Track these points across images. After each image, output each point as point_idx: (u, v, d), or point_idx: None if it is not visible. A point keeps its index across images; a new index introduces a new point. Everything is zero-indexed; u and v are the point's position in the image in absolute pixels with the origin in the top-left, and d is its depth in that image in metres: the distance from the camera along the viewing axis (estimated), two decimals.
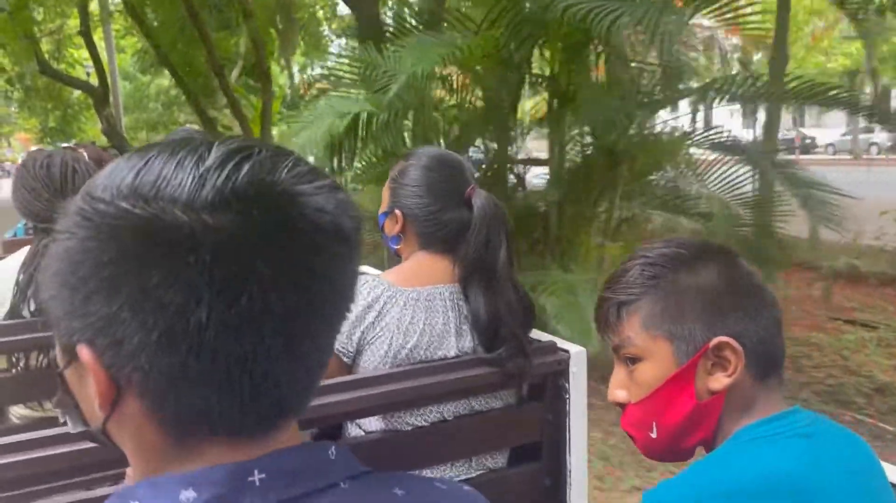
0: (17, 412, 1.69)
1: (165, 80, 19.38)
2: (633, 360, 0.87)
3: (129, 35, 16.97)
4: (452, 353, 1.31)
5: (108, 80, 13.89)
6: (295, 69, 18.39)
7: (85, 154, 1.83)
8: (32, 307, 1.61)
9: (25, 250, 1.66)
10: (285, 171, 0.47)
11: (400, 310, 1.28)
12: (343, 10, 14.28)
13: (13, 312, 1.61)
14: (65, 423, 0.56)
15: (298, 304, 0.47)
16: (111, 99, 13.98)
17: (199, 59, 11.25)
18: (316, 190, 0.47)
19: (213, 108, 13.04)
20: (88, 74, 16.37)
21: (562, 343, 1.39)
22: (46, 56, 14.39)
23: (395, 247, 1.43)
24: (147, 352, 0.45)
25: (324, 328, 0.50)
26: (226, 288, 0.44)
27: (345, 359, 1.29)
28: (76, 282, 0.46)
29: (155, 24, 11.07)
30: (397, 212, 1.38)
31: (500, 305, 1.30)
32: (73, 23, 16.08)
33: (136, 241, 0.44)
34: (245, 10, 9.93)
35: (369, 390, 1.15)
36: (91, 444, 0.64)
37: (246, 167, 0.45)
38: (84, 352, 0.47)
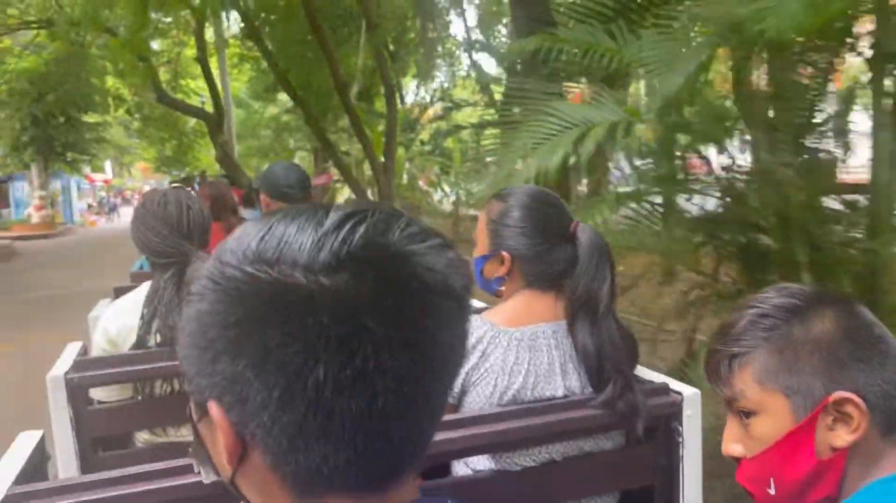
0: (142, 437, 1.80)
1: (277, 107, 19.19)
2: (748, 414, 0.85)
3: (243, 62, 16.85)
4: (560, 393, 1.30)
5: (223, 107, 13.55)
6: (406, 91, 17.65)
7: (194, 191, 2.07)
8: (158, 339, 1.72)
9: (147, 284, 1.77)
10: (398, 231, 0.48)
11: (504, 352, 1.29)
12: (455, 29, 13.44)
13: (139, 343, 1.73)
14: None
15: (410, 363, 0.48)
16: (225, 126, 13.63)
17: (318, 79, 10.62)
18: (427, 249, 0.48)
19: (329, 130, 12.45)
20: (203, 103, 16.27)
21: (675, 384, 1.34)
22: (164, 86, 14.25)
23: (497, 288, 1.42)
24: (269, 409, 0.47)
25: (435, 386, 0.51)
26: (341, 347, 0.45)
27: (449, 400, 1.20)
28: (206, 343, 0.49)
29: (273, 44, 10.49)
30: (504, 253, 1.37)
31: (604, 341, 1.29)
32: (189, 52, 16.08)
33: (259, 303, 0.46)
34: (368, 20, 9.12)
35: (478, 429, 1.16)
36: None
37: (361, 230, 0.47)
38: (213, 408, 0.49)
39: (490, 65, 18.10)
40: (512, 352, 1.29)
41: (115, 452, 1.73)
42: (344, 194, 16.54)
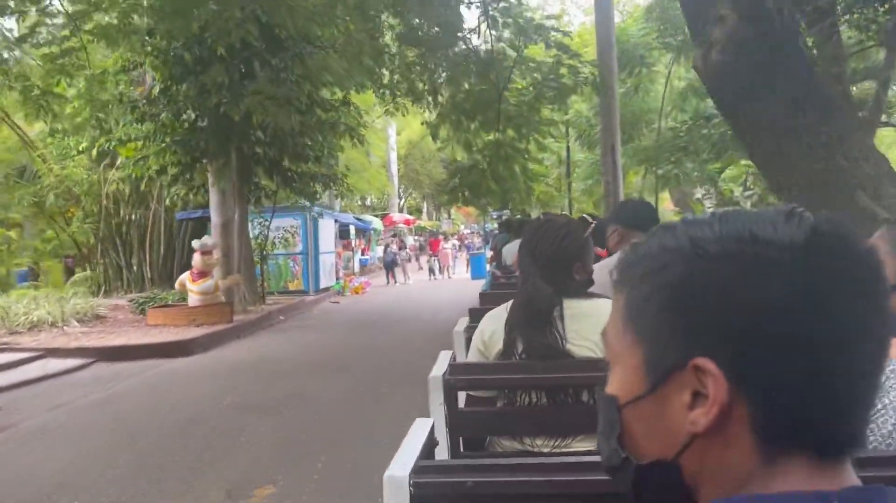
0: (501, 443, 1.96)
1: None
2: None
3: None
4: None
5: None
6: None
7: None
8: (520, 348, 1.94)
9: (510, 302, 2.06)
10: (832, 221, 0.58)
11: None
12: None
13: (506, 351, 1.96)
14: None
15: (878, 333, 0.56)
16: None
17: None
18: (857, 238, 0.58)
19: None
20: None
21: None
22: None
23: None
24: (774, 362, 0.54)
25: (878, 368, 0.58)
26: (827, 310, 0.54)
27: None
28: (683, 308, 0.58)
29: None
30: None
31: None
32: None
33: (741, 271, 0.56)
34: None
35: (874, 471, 1.03)
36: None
37: (807, 220, 0.58)
38: (707, 364, 0.55)
39: None
40: None
41: (475, 452, 2.00)
42: None
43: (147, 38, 9.90)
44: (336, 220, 21.95)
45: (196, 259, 11.35)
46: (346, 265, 27.10)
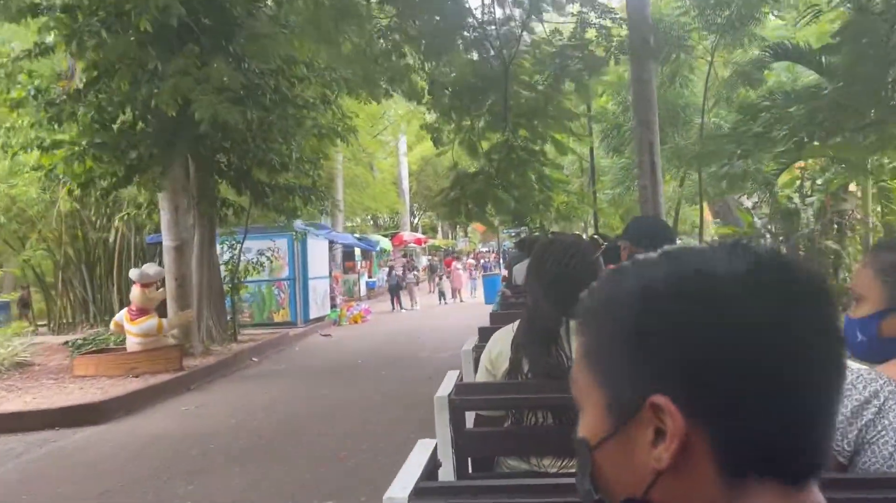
0: (507, 463, 1.97)
1: None
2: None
3: None
4: None
5: None
6: None
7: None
8: (526, 368, 1.94)
9: (517, 323, 2.08)
10: (774, 251, 0.61)
11: None
12: None
13: (513, 369, 1.97)
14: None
15: (831, 354, 0.57)
16: None
17: None
18: (801, 263, 0.60)
19: None
20: None
21: None
22: None
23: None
24: (731, 393, 0.55)
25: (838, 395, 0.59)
26: (777, 338, 0.55)
27: (840, 460, 1.23)
28: (637, 340, 0.59)
29: None
30: None
31: None
32: None
33: (692, 303, 0.57)
34: None
35: (876, 494, 1.05)
36: None
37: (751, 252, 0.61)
38: (661, 399, 0.55)
39: None
40: None
41: (482, 474, 2.00)
42: None
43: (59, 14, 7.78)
44: (334, 241, 19.70)
45: (134, 293, 9.12)
46: (350, 290, 24.88)
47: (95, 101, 8.12)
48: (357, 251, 25.49)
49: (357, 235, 25.54)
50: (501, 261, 30.41)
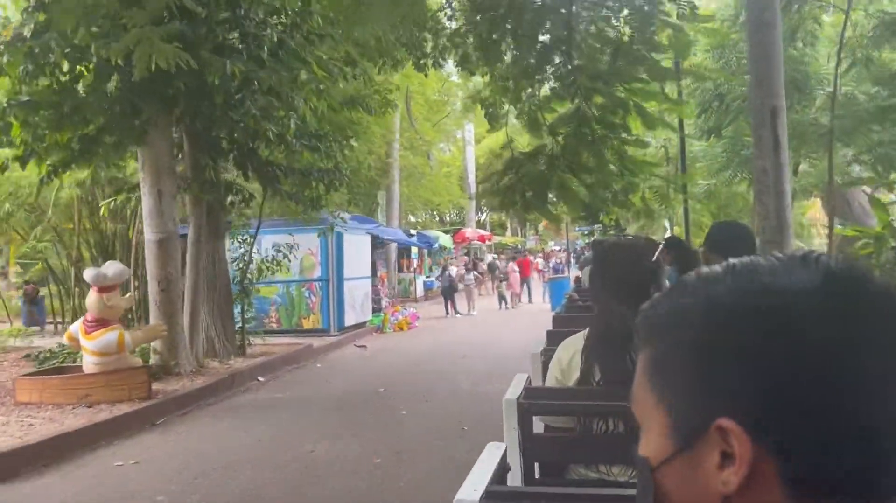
0: (577, 470, 1.94)
1: None
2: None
3: None
4: None
5: None
6: None
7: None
8: (598, 375, 1.90)
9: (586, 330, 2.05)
10: (846, 261, 0.57)
11: None
12: None
13: (584, 378, 1.94)
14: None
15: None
16: None
17: None
18: (872, 275, 0.56)
19: None
20: None
21: None
22: None
23: None
24: (801, 415, 0.51)
25: None
26: (850, 355, 0.52)
27: None
28: (707, 366, 0.55)
29: None
30: None
31: None
32: None
33: (761, 324, 0.54)
34: None
35: None
36: None
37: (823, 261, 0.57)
38: (730, 424, 0.52)
39: None
40: None
41: (550, 479, 1.97)
42: None
43: None
44: (379, 237, 17.55)
45: (90, 299, 7.16)
46: (406, 290, 22.69)
47: (25, 47, 6.15)
48: (414, 249, 23.36)
49: (413, 231, 23.36)
50: (573, 261, 27.56)
